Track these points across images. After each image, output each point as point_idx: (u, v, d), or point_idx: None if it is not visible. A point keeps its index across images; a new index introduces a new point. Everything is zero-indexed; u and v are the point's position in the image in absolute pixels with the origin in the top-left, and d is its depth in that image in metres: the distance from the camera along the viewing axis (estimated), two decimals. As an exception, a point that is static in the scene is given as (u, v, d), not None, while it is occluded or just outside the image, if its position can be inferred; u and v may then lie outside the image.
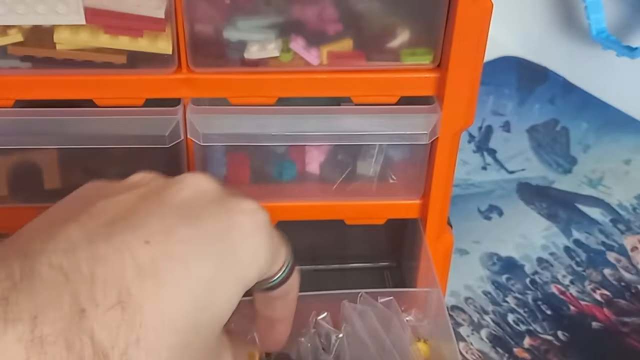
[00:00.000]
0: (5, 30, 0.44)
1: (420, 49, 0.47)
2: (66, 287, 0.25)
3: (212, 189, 0.32)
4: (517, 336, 0.60)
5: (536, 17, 0.81)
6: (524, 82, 0.84)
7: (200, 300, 0.27)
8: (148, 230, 0.28)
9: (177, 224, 0.29)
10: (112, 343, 0.25)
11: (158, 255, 0.27)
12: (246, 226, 0.30)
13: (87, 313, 0.25)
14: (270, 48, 0.46)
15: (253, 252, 0.30)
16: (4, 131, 0.47)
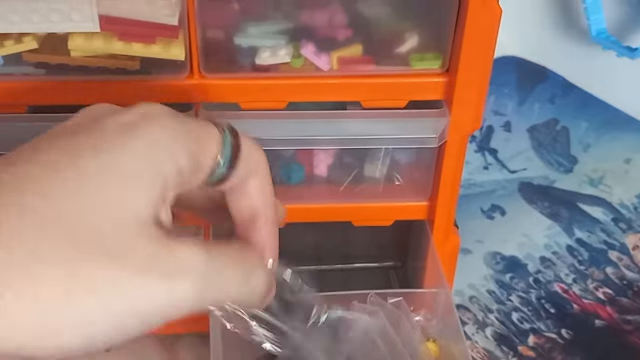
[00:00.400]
0: (20, 37, 0.44)
1: (429, 54, 0.47)
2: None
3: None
4: (521, 334, 0.61)
5: (536, 18, 0.82)
6: (524, 82, 0.85)
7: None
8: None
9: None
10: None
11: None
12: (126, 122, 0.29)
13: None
14: (281, 54, 0.47)
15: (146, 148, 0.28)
16: (16, 137, 0.47)
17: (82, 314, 0.25)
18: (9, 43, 0.44)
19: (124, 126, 0.28)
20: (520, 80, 0.85)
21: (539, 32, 0.83)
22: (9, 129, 0.47)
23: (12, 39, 0.44)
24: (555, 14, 0.81)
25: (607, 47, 0.74)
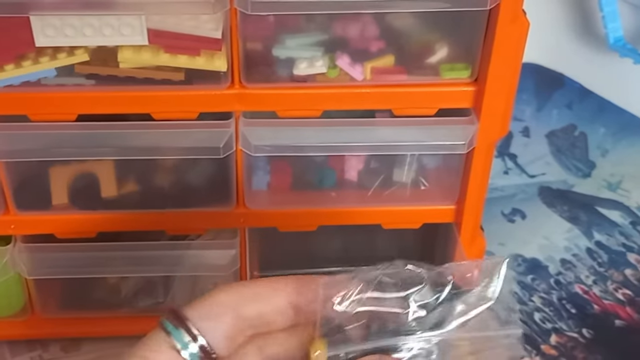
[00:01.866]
0: (72, 50, 0.47)
1: (458, 64, 0.50)
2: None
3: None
4: (543, 334, 0.63)
5: (554, 26, 0.84)
6: (542, 88, 0.87)
7: None
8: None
9: None
10: None
11: None
12: None
13: None
14: (318, 65, 0.49)
15: None
16: (66, 143, 0.50)
17: None
18: (62, 56, 0.47)
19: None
20: (538, 87, 0.88)
21: (556, 39, 0.85)
22: (60, 136, 0.49)
23: (65, 52, 0.47)
24: (573, 22, 0.84)
25: (624, 54, 0.76)
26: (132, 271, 0.58)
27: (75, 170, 0.53)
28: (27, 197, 0.53)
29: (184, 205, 0.54)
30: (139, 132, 0.50)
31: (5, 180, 0.51)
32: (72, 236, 0.55)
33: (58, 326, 0.60)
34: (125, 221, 0.54)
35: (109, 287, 0.60)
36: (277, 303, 0.35)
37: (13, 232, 0.54)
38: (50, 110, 0.49)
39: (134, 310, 0.60)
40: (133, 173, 0.54)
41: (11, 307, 0.58)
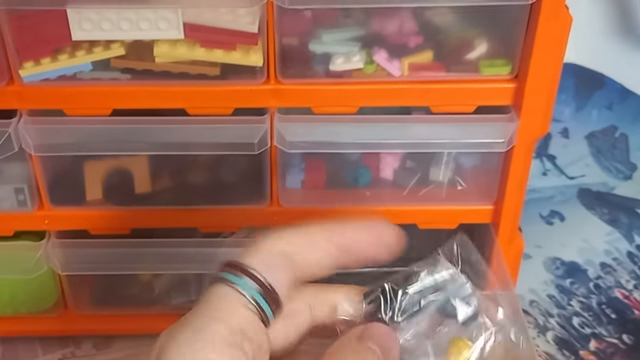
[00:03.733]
0: (109, 44, 0.47)
1: (498, 60, 0.48)
2: None
3: None
4: (582, 339, 0.62)
5: (593, 25, 0.82)
6: (581, 89, 0.85)
7: None
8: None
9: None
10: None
11: None
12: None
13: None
14: (354, 60, 0.48)
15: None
16: (101, 138, 0.50)
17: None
18: (98, 49, 0.47)
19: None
20: (578, 87, 0.86)
21: (596, 39, 0.83)
22: (95, 131, 0.49)
23: (101, 46, 0.47)
24: (613, 22, 0.82)
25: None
26: (164, 268, 0.57)
27: (109, 166, 0.53)
28: (61, 193, 0.53)
29: (217, 202, 0.54)
30: (174, 127, 0.50)
31: (40, 175, 0.51)
32: (105, 232, 0.54)
33: (90, 323, 0.60)
34: (159, 218, 0.54)
35: (141, 284, 0.60)
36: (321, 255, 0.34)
37: (47, 227, 0.54)
38: (86, 104, 0.48)
39: (166, 308, 0.60)
40: (167, 169, 0.54)
41: (44, 303, 0.58)
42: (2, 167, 0.52)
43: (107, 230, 0.54)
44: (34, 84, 0.47)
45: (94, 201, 0.53)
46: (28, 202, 0.52)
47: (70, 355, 0.60)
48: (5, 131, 0.48)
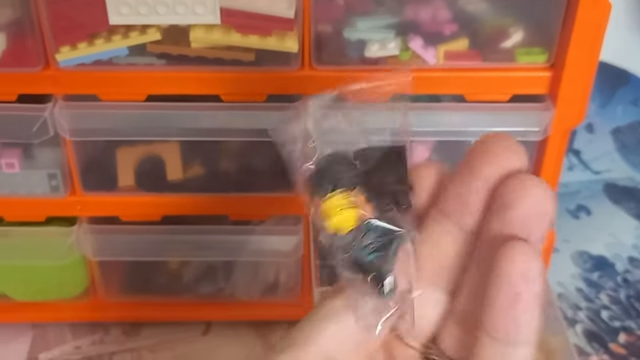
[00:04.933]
0: (145, 29, 0.47)
1: (534, 49, 0.48)
2: None
3: None
4: (611, 332, 0.61)
5: (618, 21, 0.82)
6: (606, 85, 0.85)
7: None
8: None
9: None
10: None
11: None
12: None
13: None
14: (390, 47, 0.48)
15: None
16: (134, 124, 0.50)
17: None
18: (134, 34, 0.47)
19: None
20: (602, 83, 0.85)
21: (620, 35, 0.82)
22: (129, 116, 0.49)
23: (137, 31, 0.47)
24: (637, 17, 0.81)
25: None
26: (194, 255, 0.57)
27: (141, 152, 0.53)
28: (93, 178, 0.53)
29: (248, 190, 0.54)
30: (206, 113, 0.49)
31: (74, 160, 0.52)
32: (136, 219, 0.55)
33: (120, 310, 0.60)
34: (190, 205, 0.54)
35: (170, 272, 0.60)
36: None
37: (79, 213, 0.54)
38: (121, 90, 0.49)
39: (195, 296, 0.60)
40: (199, 156, 0.54)
41: (74, 290, 0.59)
42: (36, 152, 0.52)
43: (138, 217, 0.55)
44: (69, 68, 0.47)
45: (126, 187, 0.54)
46: (61, 187, 0.52)
47: (99, 341, 0.60)
48: (41, 115, 0.48)
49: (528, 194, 0.26)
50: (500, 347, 0.27)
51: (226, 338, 0.60)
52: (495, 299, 0.26)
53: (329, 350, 0.29)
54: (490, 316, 0.27)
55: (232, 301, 0.60)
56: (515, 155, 0.28)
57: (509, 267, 0.26)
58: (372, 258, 0.28)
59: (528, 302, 0.26)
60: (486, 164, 0.27)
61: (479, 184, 0.27)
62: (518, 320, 0.26)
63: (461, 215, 0.28)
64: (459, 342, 0.29)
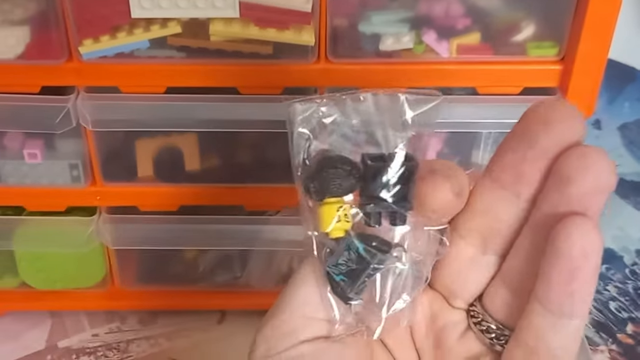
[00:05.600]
0: (165, 22, 0.48)
1: (545, 42, 0.49)
2: None
3: None
4: (619, 323, 0.62)
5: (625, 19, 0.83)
6: (613, 82, 0.86)
7: None
8: None
9: None
10: None
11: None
12: None
13: None
14: (404, 40, 0.49)
15: None
16: (154, 115, 0.51)
17: None
18: (155, 28, 0.48)
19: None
20: (610, 80, 0.86)
21: (628, 33, 0.83)
22: (149, 108, 0.51)
23: (158, 24, 0.48)
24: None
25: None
26: (211, 244, 0.58)
27: (160, 143, 0.54)
28: (113, 169, 0.54)
29: (264, 180, 0.55)
30: (225, 105, 0.51)
31: (95, 151, 0.53)
32: (154, 209, 0.56)
33: (136, 299, 0.61)
34: (207, 195, 0.55)
35: (186, 261, 0.61)
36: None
37: (99, 203, 0.56)
38: (141, 82, 0.50)
39: (210, 285, 0.61)
40: (216, 148, 0.55)
41: (92, 279, 0.60)
42: (58, 143, 0.53)
43: (156, 207, 0.56)
44: (92, 61, 0.49)
45: (145, 178, 0.55)
46: (82, 178, 0.54)
47: (117, 329, 0.61)
48: (64, 107, 0.49)
49: (589, 169, 0.26)
50: (553, 318, 0.27)
51: (241, 326, 0.61)
52: (552, 273, 0.26)
53: (306, 312, 0.30)
54: (545, 288, 0.27)
55: (247, 290, 0.61)
56: (573, 124, 0.26)
57: (568, 243, 0.26)
58: (339, 279, 0.29)
59: (585, 278, 0.26)
60: (544, 134, 0.26)
61: (535, 154, 0.27)
62: (574, 296, 0.26)
63: (516, 184, 0.28)
64: (507, 305, 0.29)
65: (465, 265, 0.30)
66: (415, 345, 0.32)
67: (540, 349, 0.28)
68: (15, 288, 0.60)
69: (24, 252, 0.58)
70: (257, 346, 0.30)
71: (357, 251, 0.29)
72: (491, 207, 0.29)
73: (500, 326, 0.30)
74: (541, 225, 0.27)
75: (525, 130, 0.27)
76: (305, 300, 0.30)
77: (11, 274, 0.59)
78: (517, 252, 0.29)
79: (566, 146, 0.26)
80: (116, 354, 0.59)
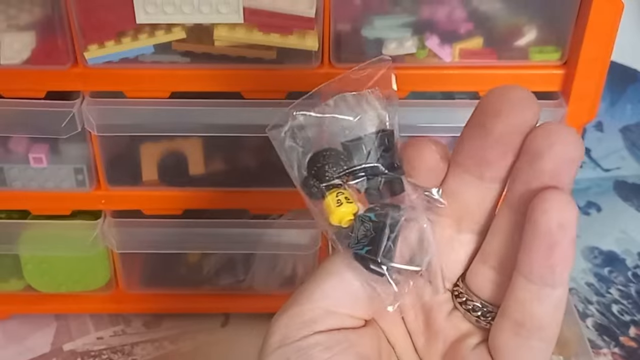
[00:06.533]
0: (170, 28, 0.48)
1: (548, 47, 0.49)
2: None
3: None
4: (622, 326, 0.63)
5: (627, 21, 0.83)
6: (615, 84, 0.86)
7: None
8: None
9: None
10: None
11: None
12: None
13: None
14: (407, 45, 0.49)
15: None
16: (159, 120, 0.52)
17: None
18: (159, 33, 0.48)
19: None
20: (612, 83, 0.86)
21: (629, 35, 0.84)
22: (154, 113, 0.51)
23: (162, 29, 0.48)
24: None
25: None
26: (215, 248, 0.59)
27: (165, 148, 0.54)
28: (118, 173, 0.55)
29: (268, 184, 0.55)
30: (229, 110, 0.51)
31: (99, 155, 0.53)
32: (159, 213, 0.56)
33: (141, 302, 0.61)
34: (211, 199, 0.56)
35: (190, 264, 0.61)
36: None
37: (103, 207, 0.56)
38: (146, 87, 0.50)
39: (214, 288, 0.61)
40: (220, 152, 0.55)
41: (97, 282, 0.60)
42: (63, 147, 0.53)
43: (160, 211, 0.56)
44: (97, 66, 0.49)
45: (149, 182, 0.55)
46: (86, 182, 0.54)
47: (121, 332, 0.61)
48: (69, 111, 0.50)
49: (556, 143, 0.27)
50: (537, 289, 0.28)
51: (245, 329, 0.62)
52: (532, 246, 0.27)
53: (328, 305, 0.30)
54: (527, 261, 0.28)
55: (251, 293, 0.61)
56: (525, 110, 0.28)
57: (545, 217, 0.27)
58: (365, 251, 0.30)
59: (564, 249, 0.27)
60: (498, 124, 0.28)
61: (493, 141, 0.28)
62: (555, 266, 0.27)
63: (478, 167, 0.29)
64: (490, 283, 0.31)
65: (444, 246, 0.31)
66: (407, 327, 0.33)
67: (527, 320, 0.29)
68: (21, 291, 0.61)
69: (29, 256, 0.58)
70: (273, 333, 0.31)
71: (370, 219, 0.30)
72: (459, 191, 0.30)
73: (485, 304, 0.31)
74: (517, 203, 0.29)
75: (481, 120, 0.29)
76: (327, 293, 0.31)
77: (16, 277, 0.60)
78: (496, 232, 0.30)
79: (522, 130, 0.28)
80: (121, 357, 0.60)
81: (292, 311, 0.30)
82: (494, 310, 0.31)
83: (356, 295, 0.31)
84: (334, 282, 0.31)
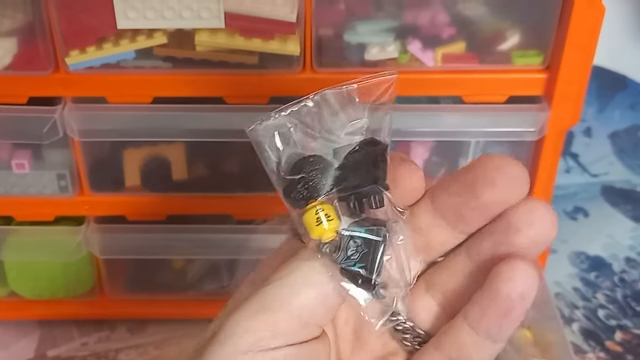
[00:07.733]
0: (151, 33, 0.48)
1: (530, 51, 0.50)
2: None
3: None
4: (608, 330, 0.62)
5: (615, 27, 0.83)
6: (604, 90, 0.86)
7: None
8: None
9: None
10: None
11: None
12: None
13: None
14: (389, 50, 0.49)
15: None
16: (141, 125, 0.51)
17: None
18: (141, 38, 0.48)
19: None
20: (600, 89, 0.87)
21: (618, 41, 0.84)
22: (136, 118, 0.51)
23: (144, 35, 0.48)
24: (634, 23, 0.83)
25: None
26: (199, 253, 0.59)
27: (147, 153, 0.54)
28: (101, 179, 0.55)
29: (252, 189, 0.55)
30: (211, 114, 0.51)
31: (82, 161, 0.53)
32: (142, 218, 0.56)
33: (125, 307, 0.61)
34: (194, 204, 0.56)
35: (175, 270, 0.61)
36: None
37: (86, 212, 0.56)
38: (128, 92, 0.50)
39: (199, 293, 0.61)
40: (203, 157, 0.55)
41: (81, 287, 0.60)
42: (45, 153, 0.53)
43: (144, 216, 0.56)
44: (78, 72, 0.49)
45: (132, 187, 0.55)
46: (69, 188, 0.54)
47: (106, 338, 0.61)
48: (51, 117, 0.49)
49: (535, 223, 0.29)
50: (479, 340, 0.29)
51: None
52: (489, 305, 0.28)
53: (305, 316, 0.30)
54: (478, 315, 0.29)
55: (236, 299, 0.61)
56: (517, 187, 0.29)
57: (508, 284, 0.28)
58: (357, 268, 0.29)
59: (518, 315, 0.28)
60: (489, 192, 0.29)
61: (478, 205, 0.29)
62: (504, 327, 0.29)
63: (454, 219, 0.30)
64: (428, 312, 0.31)
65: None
66: (335, 330, 0.32)
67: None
68: (4, 297, 0.60)
69: (12, 262, 0.58)
70: (238, 335, 0.29)
71: (361, 235, 0.29)
72: (428, 229, 0.31)
73: (417, 329, 0.31)
74: (478, 258, 0.30)
75: (473, 182, 0.29)
76: (305, 305, 0.30)
77: (0, 284, 0.59)
78: (449, 270, 0.31)
79: (508, 204, 0.29)
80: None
81: (264, 316, 0.30)
82: (422, 337, 0.31)
83: (332, 307, 0.30)
84: (312, 295, 0.30)
